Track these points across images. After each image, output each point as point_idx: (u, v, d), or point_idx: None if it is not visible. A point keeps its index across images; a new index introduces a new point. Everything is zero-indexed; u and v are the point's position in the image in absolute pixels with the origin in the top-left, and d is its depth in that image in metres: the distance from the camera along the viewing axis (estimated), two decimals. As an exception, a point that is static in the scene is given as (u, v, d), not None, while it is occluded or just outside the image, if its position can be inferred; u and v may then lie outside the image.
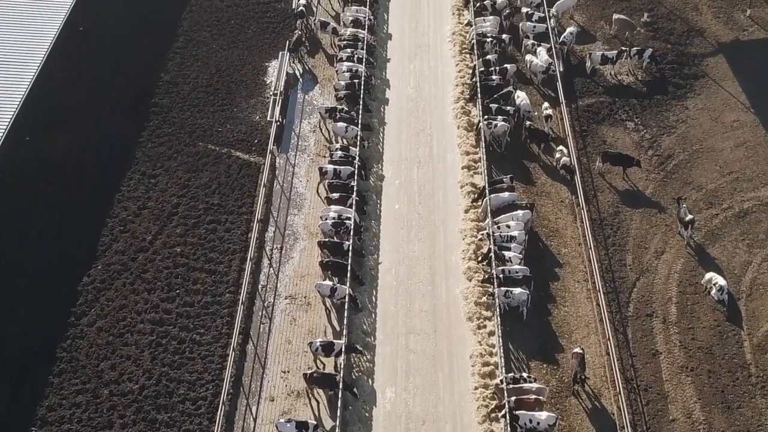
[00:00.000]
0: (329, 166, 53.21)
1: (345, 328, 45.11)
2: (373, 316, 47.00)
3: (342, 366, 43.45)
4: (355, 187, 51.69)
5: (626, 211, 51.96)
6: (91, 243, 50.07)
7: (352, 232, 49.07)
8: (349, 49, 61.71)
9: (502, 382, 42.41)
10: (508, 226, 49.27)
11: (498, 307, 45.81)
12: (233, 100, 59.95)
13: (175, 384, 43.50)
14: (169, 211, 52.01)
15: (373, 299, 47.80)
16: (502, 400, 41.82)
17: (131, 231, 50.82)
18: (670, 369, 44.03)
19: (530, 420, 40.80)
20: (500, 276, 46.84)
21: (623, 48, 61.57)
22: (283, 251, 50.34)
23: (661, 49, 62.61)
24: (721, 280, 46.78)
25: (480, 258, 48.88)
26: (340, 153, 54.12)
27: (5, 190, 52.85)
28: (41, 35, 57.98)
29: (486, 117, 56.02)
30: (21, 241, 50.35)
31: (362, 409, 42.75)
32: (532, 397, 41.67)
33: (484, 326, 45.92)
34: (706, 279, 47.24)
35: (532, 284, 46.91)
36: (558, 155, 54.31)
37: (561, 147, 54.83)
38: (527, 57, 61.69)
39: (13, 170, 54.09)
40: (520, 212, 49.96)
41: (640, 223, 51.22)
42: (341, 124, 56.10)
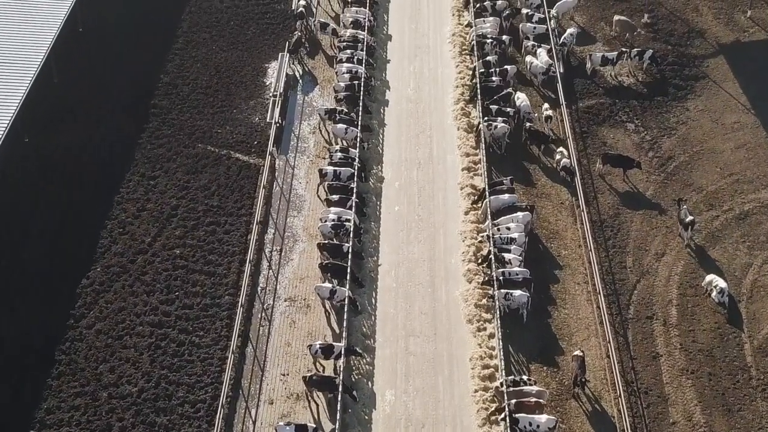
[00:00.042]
0: (329, 168, 53.08)
1: (344, 331, 44.98)
2: (373, 318, 46.88)
3: (341, 369, 43.29)
4: (354, 189, 51.59)
5: (626, 213, 51.85)
6: (91, 244, 49.94)
7: (351, 234, 48.96)
8: (348, 51, 61.63)
9: (502, 385, 42.26)
10: (508, 228, 49.16)
11: (498, 310, 45.69)
12: (233, 102, 59.84)
13: (174, 387, 43.34)
14: (169, 212, 51.89)
15: (373, 301, 47.69)
16: (502, 403, 41.68)
17: (130, 233, 50.70)
18: (671, 372, 43.90)
19: (530, 423, 40.64)
20: (500, 278, 46.71)
21: (623, 49, 61.49)
22: (283, 253, 50.22)
23: (661, 50, 62.52)
24: (722, 283, 46.66)
25: (480, 260, 48.76)
26: (339, 155, 54.00)
27: (5, 190, 52.75)
28: (41, 35, 57.81)
29: (486, 118, 55.92)
30: (21, 241, 50.22)
31: (362, 412, 42.60)
32: (532, 400, 41.54)
33: (484, 328, 45.80)
34: (706, 281, 47.12)
35: (532, 286, 46.79)
36: (558, 157, 54.20)
37: (561, 148, 54.71)
38: (527, 58, 61.61)
39: (13, 170, 54.00)
40: (520, 214, 49.86)
41: (641, 225, 51.11)
42: (341, 126, 55.99)
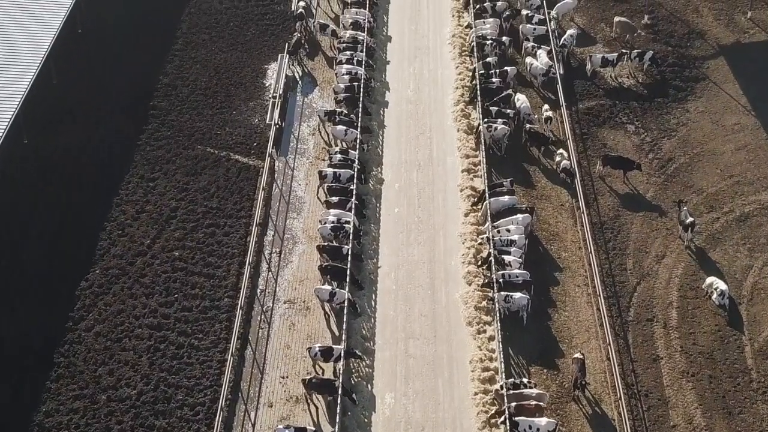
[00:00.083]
0: (329, 170, 52.97)
1: (344, 333, 44.89)
2: (373, 320, 46.78)
3: (341, 371, 43.18)
4: (354, 191, 51.48)
5: (627, 215, 51.73)
6: (90, 245, 49.85)
7: (351, 236, 48.87)
8: (348, 52, 61.53)
9: (502, 388, 42.18)
10: (508, 230, 49.07)
11: (498, 312, 45.60)
12: (232, 103, 59.74)
13: (173, 389, 43.22)
14: (168, 214, 51.78)
15: (373, 304, 47.58)
16: (501, 406, 41.59)
17: (129, 235, 50.60)
18: (671, 374, 43.80)
19: (530, 426, 40.51)
20: (500, 280, 46.62)
21: (624, 50, 61.38)
22: (282, 255, 50.11)
23: (661, 51, 62.42)
24: (722, 285, 46.55)
25: (480, 262, 48.66)
26: (339, 156, 53.91)
27: (5, 190, 52.68)
28: (41, 35, 57.74)
29: (486, 120, 55.83)
30: (21, 241, 50.16)
31: (361, 415, 42.51)
32: (532, 402, 41.42)
33: (484, 331, 45.69)
34: (707, 283, 47.02)
35: (532, 288, 46.70)
36: (558, 158, 54.09)
37: (561, 150, 54.61)
38: (527, 59, 61.51)
39: (13, 170, 53.93)
40: (520, 216, 49.76)
41: (641, 227, 50.99)
42: (340, 127, 55.89)
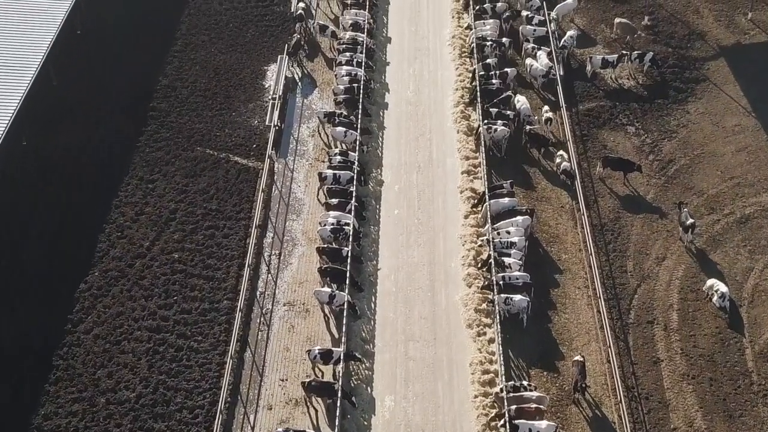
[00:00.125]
0: (329, 172, 52.86)
1: (344, 336, 44.79)
2: (372, 323, 46.67)
3: (341, 374, 43.07)
4: (354, 193, 51.37)
5: (627, 217, 51.62)
6: (90, 246, 49.76)
7: (351, 238, 48.75)
8: (348, 53, 61.40)
9: (502, 391, 42.09)
10: (508, 232, 48.95)
11: (498, 314, 45.49)
12: (232, 105, 59.63)
13: (172, 392, 43.15)
14: (167, 216, 51.68)
15: (372, 306, 47.47)
16: (501, 409, 41.49)
17: (128, 237, 50.49)
18: (672, 377, 43.70)
19: (530, 429, 40.40)
20: (500, 282, 46.52)
21: (624, 52, 61.22)
22: (282, 257, 50.00)
23: (662, 52, 62.28)
24: (723, 287, 46.44)
25: (480, 264, 48.55)
26: (339, 158, 53.79)
27: (5, 190, 52.60)
28: (40, 35, 57.65)
29: (486, 121, 55.71)
30: (21, 241, 50.09)
31: (361, 418, 42.42)
32: (532, 405, 41.32)
33: (484, 333, 45.58)
34: (707, 286, 46.91)
35: (533, 291, 46.59)
36: (558, 160, 53.97)
37: (561, 152, 54.50)
38: (527, 61, 61.38)
39: (13, 170, 53.85)
40: (520, 218, 49.65)
41: (641, 229, 50.88)
42: (340, 129, 55.76)
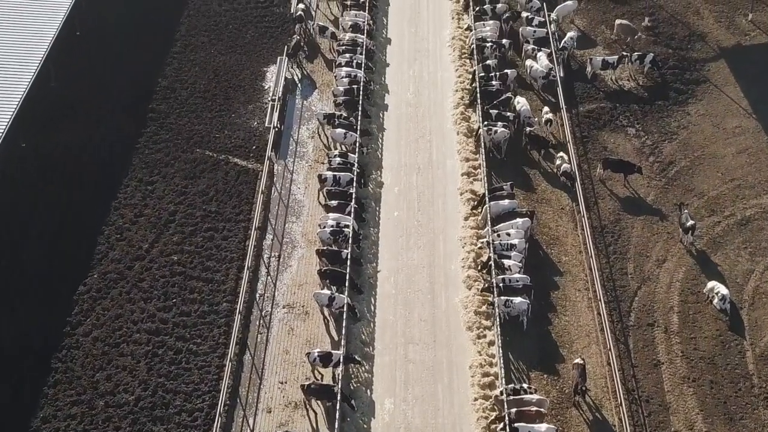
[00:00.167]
0: (328, 173, 52.75)
1: (343, 338, 44.67)
2: (372, 325, 46.54)
3: (340, 377, 42.95)
4: (353, 195, 51.26)
5: (627, 219, 51.51)
6: (89, 248, 49.64)
7: (350, 240, 48.65)
8: (347, 54, 61.28)
9: (502, 393, 41.95)
10: (508, 234, 48.84)
11: (498, 317, 45.38)
12: (231, 106, 59.52)
13: (172, 395, 43.00)
14: (166, 218, 51.55)
15: (372, 308, 47.36)
16: (502, 412, 41.37)
17: (127, 239, 50.37)
18: (672, 379, 43.59)
19: (530, 432, 40.44)
20: (500, 285, 46.40)
21: (624, 53, 61.15)
22: (281, 259, 49.90)
23: (662, 53, 62.20)
24: (724, 289, 46.30)
25: (480, 266, 48.45)
26: (338, 159, 53.69)
27: (5, 190, 52.49)
28: (40, 35, 57.55)
29: (486, 123, 55.61)
30: (21, 241, 49.99)
31: (360, 421, 42.29)
32: (532, 408, 41.20)
33: (484, 336, 45.45)
34: (708, 288, 46.79)
35: (533, 293, 46.49)
36: (558, 162, 53.88)
37: (561, 153, 54.41)
38: (527, 62, 61.29)
39: (13, 170, 53.75)
40: (520, 220, 49.54)
41: (642, 231, 50.77)
42: (340, 130, 55.65)
